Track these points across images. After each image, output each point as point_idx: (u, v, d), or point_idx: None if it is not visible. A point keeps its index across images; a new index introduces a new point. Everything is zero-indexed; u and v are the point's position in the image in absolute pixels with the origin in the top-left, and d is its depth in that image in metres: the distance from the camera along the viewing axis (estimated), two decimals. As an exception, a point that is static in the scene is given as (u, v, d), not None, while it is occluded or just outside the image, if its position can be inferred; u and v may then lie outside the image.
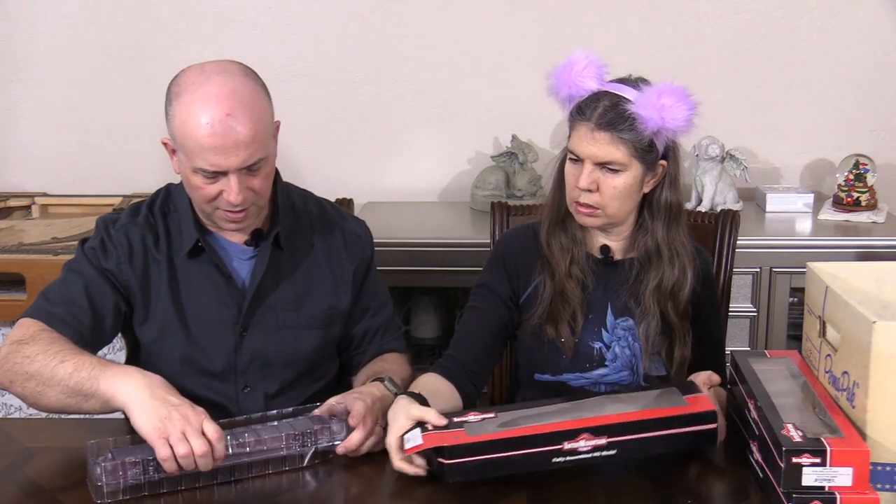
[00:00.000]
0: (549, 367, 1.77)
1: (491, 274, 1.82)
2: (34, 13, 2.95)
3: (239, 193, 1.62)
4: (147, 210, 1.77)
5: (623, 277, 1.77)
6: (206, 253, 1.73)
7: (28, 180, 3.05)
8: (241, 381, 1.75)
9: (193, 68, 1.64)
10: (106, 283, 1.71)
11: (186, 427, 1.43)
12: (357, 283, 1.85)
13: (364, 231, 1.89)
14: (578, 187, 1.70)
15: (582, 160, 1.69)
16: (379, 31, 2.92)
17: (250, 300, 1.73)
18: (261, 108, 1.63)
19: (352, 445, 1.55)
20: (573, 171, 1.72)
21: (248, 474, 1.51)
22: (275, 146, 1.71)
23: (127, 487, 1.44)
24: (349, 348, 1.89)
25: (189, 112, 1.60)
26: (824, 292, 1.53)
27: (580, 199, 1.71)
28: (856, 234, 2.63)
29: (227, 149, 1.59)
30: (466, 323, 1.81)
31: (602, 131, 1.66)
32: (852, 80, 2.91)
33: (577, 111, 1.71)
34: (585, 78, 1.71)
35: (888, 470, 1.36)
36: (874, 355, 1.34)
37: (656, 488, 1.47)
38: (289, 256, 1.78)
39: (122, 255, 1.72)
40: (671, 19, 2.89)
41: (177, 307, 1.72)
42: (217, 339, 1.74)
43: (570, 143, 1.72)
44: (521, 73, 2.90)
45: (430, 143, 2.99)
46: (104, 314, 1.70)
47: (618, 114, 1.66)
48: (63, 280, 1.71)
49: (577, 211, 1.73)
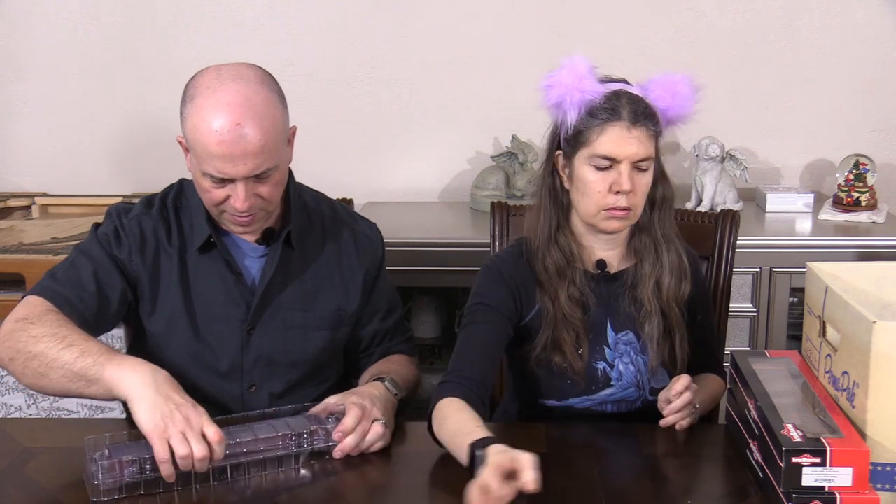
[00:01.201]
0: (555, 393, 1.74)
1: (491, 291, 1.73)
2: (34, 13, 2.95)
3: (245, 201, 1.62)
4: (161, 202, 1.77)
5: (621, 289, 1.75)
6: (217, 249, 1.73)
7: (28, 180, 3.05)
8: (246, 379, 1.75)
9: (210, 70, 1.64)
10: (115, 269, 1.70)
11: (187, 428, 1.43)
12: (367, 286, 1.84)
13: (375, 234, 1.89)
14: (621, 190, 1.63)
15: (616, 163, 1.64)
16: (379, 30, 2.92)
17: (259, 299, 1.73)
18: (273, 116, 1.62)
19: (346, 449, 1.55)
20: (602, 178, 1.65)
21: (245, 474, 1.50)
22: (288, 152, 1.70)
23: (123, 486, 1.44)
24: (356, 350, 1.89)
25: (201, 117, 1.59)
26: (824, 292, 1.53)
27: (618, 204, 1.65)
28: (856, 234, 2.62)
29: (235, 157, 1.58)
30: (470, 339, 1.71)
31: (638, 128, 1.63)
32: (852, 80, 2.91)
33: (600, 113, 1.64)
34: (591, 81, 1.67)
35: (888, 470, 1.36)
36: (874, 355, 1.34)
37: (656, 488, 1.47)
38: (299, 256, 1.78)
39: (134, 246, 1.72)
40: (671, 19, 2.89)
41: (186, 301, 1.72)
42: (224, 336, 1.74)
43: (597, 147, 1.64)
44: (522, 73, 2.89)
45: (430, 143, 2.99)
46: (110, 300, 1.69)
47: (645, 108, 1.65)
48: (72, 262, 1.71)
49: (611, 216, 1.67)
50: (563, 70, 1.67)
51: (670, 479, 1.49)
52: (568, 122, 1.67)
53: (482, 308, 1.73)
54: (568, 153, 1.71)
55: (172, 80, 2.93)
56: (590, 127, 1.65)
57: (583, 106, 1.66)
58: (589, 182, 1.67)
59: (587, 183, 1.67)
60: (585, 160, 1.67)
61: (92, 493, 1.43)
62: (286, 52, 2.90)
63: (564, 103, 1.67)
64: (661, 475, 1.50)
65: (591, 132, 1.65)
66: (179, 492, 1.46)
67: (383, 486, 1.53)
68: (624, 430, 1.67)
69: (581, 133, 1.67)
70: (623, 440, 1.63)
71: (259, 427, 1.54)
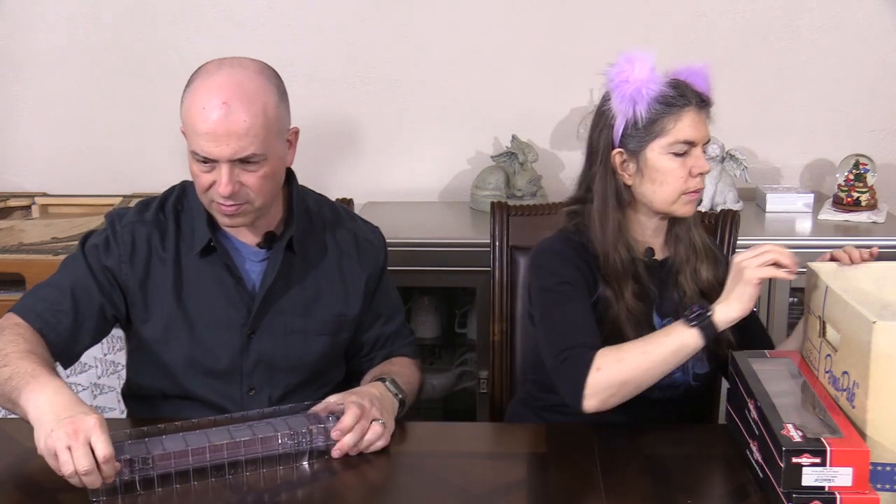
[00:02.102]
0: None
1: (568, 271, 1.73)
2: (34, 13, 2.95)
3: (228, 185, 1.61)
4: (158, 207, 1.76)
5: (666, 276, 1.79)
6: (217, 253, 1.72)
7: (28, 180, 3.05)
8: (246, 383, 1.75)
9: (213, 60, 1.66)
10: (95, 285, 1.70)
11: (71, 441, 1.36)
12: (369, 292, 1.84)
13: (378, 238, 1.89)
14: (702, 171, 1.71)
15: (693, 146, 1.71)
16: (379, 31, 2.92)
17: (260, 303, 1.73)
18: (263, 103, 1.62)
19: (344, 448, 1.55)
20: (681, 164, 1.71)
21: (243, 472, 1.50)
22: (284, 149, 1.69)
23: (121, 485, 1.44)
24: (358, 355, 1.88)
25: (192, 98, 1.61)
26: (824, 292, 1.53)
27: (699, 186, 1.73)
28: (856, 234, 2.62)
29: (218, 136, 1.59)
30: (570, 313, 1.70)
31: (704, 110, 1.73)
32: (852, 80, 2.91)
33: (675, 101, 1.70)
34: (656, 72, 1.72)
35: (888, 470, 1.36)
36: (874, 355, 1.34)
37: (656, 488, 1.47)
38: (301, 261, 1.78)
39: (124, 254, 1.72)
40: (671, 19, 2.88)
41: (180, 306, 1.72)
42: (223, 339, 1.73)
43: (676, 134, 1.69)
44: (522, 73, 2.90)
45: (430, 143, 2.99)
46: (85, 316, 1.69)
47: (701, 92, 1.73)
48: (54, 277, 1.71)
49: (689, 200, 1.73)
50: (634, 64, 1.70)
51: (670, 479, 1.49)
52: (640, 115, 1.70)
53: (568, 286, 1.73)
54: (633, 148, 1.73)
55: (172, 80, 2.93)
56: (663, 116, 1.70)
57: (655, 98, 1.70)
58: (669, 170, 1.71)
59: (667, 171, 1.72)
60: (663, 149, 1.71)
61: (91, 493, 1.43)
62: (286, 52, 2.90)
63: (638, 97, 1.70)
64: (661, 475, 1.50)
65: (666, 121, 1.70)
66: (178, 490, 1.46)
67: (383, 486, 1.53)
68: (624, 430, 1.67)
69: (655, 123, 1.71)
70: (623, 440, 1.63)
71: (258, 426, 1.54)
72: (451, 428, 1.94)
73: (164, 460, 1.46)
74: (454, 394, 2.95)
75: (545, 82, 2.90)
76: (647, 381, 1.63)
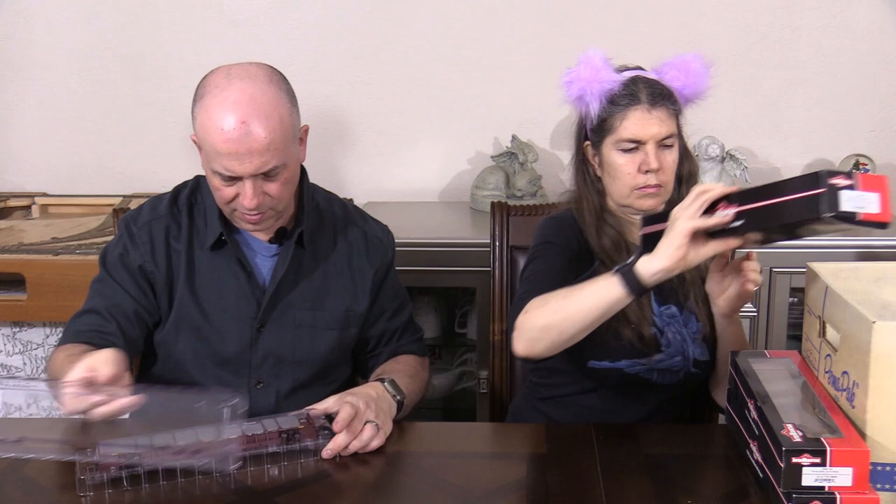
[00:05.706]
0: (609, 353, 1.75)
1: (559, 236, 1.79)
2: (34, 13, 2.95)
3: (253, 199, 1.64)
4: (171, 200, 1.79)
5: None
6: (229, 247, 1.75)
7: (28, 180, 3.04)
8: (254, 376, 1.76)
9: (220, 70, 1.66)
10: (130, 300, 1.72)
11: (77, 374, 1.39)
12: (375, 287, 1.85)
13: (386, 235, 1.91)
14: (650, 169, 1.71)
15: (641, 144, 1.72)
16: (379, 30, 2.92)
17: (270, 297, 1.75)
18: (279, 115, 1.63)
19: (336, 448, 1.55)
20: (630, 160, 1.73)
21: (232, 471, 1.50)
22: (299, 151, 1.72)
23: (109, 480, 1.44)
24: (364, 351, 1.89)
25: (208, 116, 1.62)
26: (824, 292, 1.53)
27: (649, 182, 1.73)
28: (856, 234, 2.62)
29: (241, 155, 1.60)
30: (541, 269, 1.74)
31: (658, 108, 1.72)
32: (852, 80, 2.91)
33: (620, 100, 1.72)
34: (608, 71, 1.75)
35: (888, 470, 1.36)
36: (874, 355, 1.34)
37: (656, 488, 1.47)
38: (310, 256, 1.79)
39: (146, 254, 1.74)
40: (671, 19, 2.88)
41: (193, 298, 1.74)
42: (233, 331, 1.75)
43: (621, 132, 1.72)
44: (522, 73, 2.89)
45: (430, 143, 2.99)
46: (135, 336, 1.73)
47: (661, 89, 1.74)
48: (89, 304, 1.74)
49: (642, 195, 1.74)
50: (580, 65, 1.76)
51: (670, 479, 1.49)
52: (591, 114, 1.76)
53: (552, 247, 1.78)
54: (595, 143, 1.79)
55: (172, 80, 2.96)
56: (613, 114, 1.74)
57: (603, 96, 1.74)
58: (618, 166, 1.75)
59: (617, 167, 1.75)
60: (612, 146, 1.75)
61: (79, 488, 1.44)
62: (286, 52, 2.90)
63: (586, 96, 1.75)
64: (661, 475, 1.50)
65: (614, 119, 1.74)
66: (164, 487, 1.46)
67: (383, 486, 1.53)
68: (624, 430, 1.67)
69: (605, 121, 1.75)
70: (623, 440, 1.63)
71: (248, 425, 1.55)
72: (451, 428, 1.94)
73: (152, 457, 1.47)
74: (454, 394, 2.95)
75: (545, 82, 2.87)
76: (572, 329, 1.56)
